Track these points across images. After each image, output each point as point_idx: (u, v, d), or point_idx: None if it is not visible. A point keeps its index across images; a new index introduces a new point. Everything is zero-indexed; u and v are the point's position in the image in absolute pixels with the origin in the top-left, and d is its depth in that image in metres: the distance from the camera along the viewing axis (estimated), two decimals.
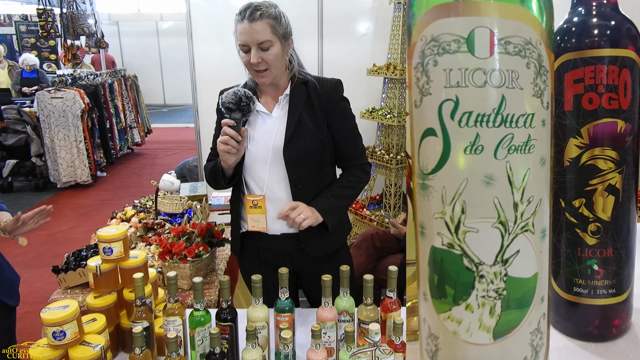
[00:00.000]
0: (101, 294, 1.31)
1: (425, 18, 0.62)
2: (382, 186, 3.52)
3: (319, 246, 1.56)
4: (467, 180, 0.62)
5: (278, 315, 1.24)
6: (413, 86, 0.67)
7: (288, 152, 1.46)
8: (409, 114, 0.70)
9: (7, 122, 5.35)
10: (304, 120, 1.48)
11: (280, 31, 1.42)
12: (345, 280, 1.25)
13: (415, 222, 0.71)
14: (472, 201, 0.63)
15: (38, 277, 3.51)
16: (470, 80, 0.60)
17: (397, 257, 2.40)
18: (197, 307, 1.22)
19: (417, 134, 0.67)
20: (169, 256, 1.79)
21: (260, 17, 1.37)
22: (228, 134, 1.38)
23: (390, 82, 3.24)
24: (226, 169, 1.48)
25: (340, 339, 1.26)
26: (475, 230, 0.63)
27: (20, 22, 9.18)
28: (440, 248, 0.66)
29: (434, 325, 0.71)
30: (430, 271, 0.69)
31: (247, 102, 1.40)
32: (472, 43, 0.60)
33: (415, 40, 0.65)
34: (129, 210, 2.38)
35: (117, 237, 1.30)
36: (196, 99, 3.63)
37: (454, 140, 0.62)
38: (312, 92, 1.50)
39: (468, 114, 0.61)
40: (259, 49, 1.39)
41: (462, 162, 0.62)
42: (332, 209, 1.50)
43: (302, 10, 3.45)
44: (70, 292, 1.79)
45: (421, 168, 0.67)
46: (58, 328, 1.06)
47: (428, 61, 0.63)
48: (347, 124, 1.55)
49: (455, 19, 0.60)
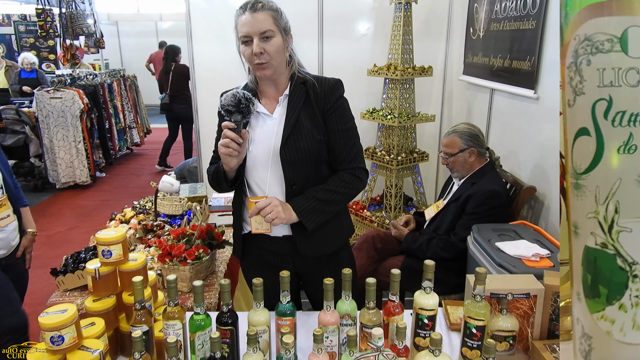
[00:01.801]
0: (100, 297, 1.30)
1: (579, 17, 0.64)
2: (382, 187, 3.51)
3: (312, 247, 1.54)
4: (621, 180, 0.63)
5: (279, 319, 1.23)
6: (566, 85, 0.68)
7: (285, 153, 1.45)
8: (562, 113, 0.71)
9: (6, 123, 5.32)
10: (302, 120, 1.46)
11: (281, 24, 1.42)
12: (347, 283, 1.24)
13: (569, 221, 0.72)
14: (625, 201, 0.63)
15: (36, 278, 3.48)
16: (624, 80, 0.61)
17: (398, 258, 2.38)
18: (198, 311, 1.20)
19: (570, 133, 0.68)
20: (169, 258, 1.78)
21: (262, 8, 1.38)
22: (229, 136, 1.37)
23: (390, 83, 3.23)
24: (228, 171, 1.47)
25: (342, 343, 1.25)
26: (629, 230, 0.64)
27: (19, 22, 9.16)
28: (594, 248, 0.67)
29: (588, 325, 0.71)
30: (584, 271, 0.70)
31: (246, 104, 1.38)
32: (626, 42, 0.60)
33: (569, 40, 0.66)
34: (128, 211, 2.36)
35: (116, 239, 1.29)
36: (196, 99, 3.62)
37: (607, 140, 0.63)
38: (310, 91, 1.48)
39: (621, 114, 0.62)
40: (261, 39, 1.38)
41: (615, 161, 0.63)
42: (310, 211, 1.45)
43: (302, 10, 3.44)
44: (69, 294, 1.77)
45: (575, 168, 0.68)
46: (56, 333, 1.05)
47: (581, 60, 0.64)
48: (344, 123, 1.51)
49: (609, 18, 0.61)
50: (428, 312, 1.22)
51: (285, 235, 1.54)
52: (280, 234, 1.54)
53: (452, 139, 2.33)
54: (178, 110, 5.92)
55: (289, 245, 1.54)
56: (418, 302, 1.23)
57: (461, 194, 2.27)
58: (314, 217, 1.46)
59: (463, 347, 1.21)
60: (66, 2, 6.12)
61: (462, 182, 2.35)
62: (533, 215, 2.39)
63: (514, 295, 1.28)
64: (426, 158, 3.39)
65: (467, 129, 2.34)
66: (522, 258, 1.76)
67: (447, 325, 1.50)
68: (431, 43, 3.60)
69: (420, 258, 2.24)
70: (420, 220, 2.62)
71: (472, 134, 2.31)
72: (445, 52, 3.63)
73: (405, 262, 2.30)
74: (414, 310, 1.25)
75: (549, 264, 1.72)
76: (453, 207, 2.29)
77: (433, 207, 2.48)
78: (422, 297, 1.22)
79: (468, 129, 2.34)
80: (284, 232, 1.53)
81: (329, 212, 1.50)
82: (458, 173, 2.38)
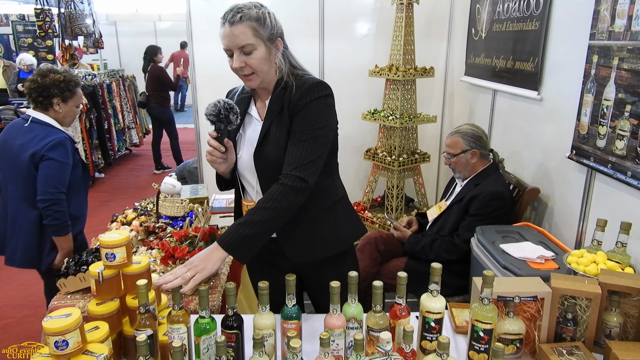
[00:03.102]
0: (103, 300, 1.28)
1: None
2: (383, 188, 3.50)
3: (298, 252, 1.51)
4: None
5: (285, 323, 1.22)
6: None
7: (258, 162, 1.44)
8: None
9: (4, 124, 5.30)
10: (272, 129, 1.43)
11: (264, 34, 1.35)
12: (353, 286, 1.22)
13: None
14: None
15: (36, 280, 3.43)
16: None
17: (401, 260, 2.37)
18: (203, 314, 1.19)
19: None
20: (172, 261, 1.76)
21: (240, 19, 1.32)
22: (211, 145, 1.40)
23: (392, 84, 3.22)
24: (221, 174, 1.50)
25: (349, 346, 1.24)
26: None
27: (17, 21, 9.11)
28: None
29: None
30: None
31: (225, 114, 1.37)
32: None
33: None
34: (129, 213, 2.35)
35: (120, 242, 1.27)
36: (196, 99, 3.60)
37: None
38: (287, 97, 1.40)
39: None
40: (241, 53, 1.35)
41: None
42: (238, 241, 1.31)
43: (303, 11, 3.43)
44: (71, 297, 1.76)
45: None
46: (60, 337, 1.03)
47: None
48: (304, 126, 1.37)
49: None
50: (435, 316, 1.21)
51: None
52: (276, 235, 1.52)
53: (455, 140, 2.32)
54: (152, 110, 6.11)
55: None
56: (425, 306, 1.22)
57: (464, 195, 2.27)
58: (243, 247, 1.31)
59: (470, 350, 1.20)
60: (65, 2, 6.11)
61: (465, 183, 2.34)
62: (536, 217, 2.38)
63: (521, 298, 1.27)
64: (427, 159, 3.38)
65: (470, 130, 2.33)
66: (526, 260, 1.75)
67: (452, 328, 1.49)
68: (432, 44, 3.60)
69: (423, 260, 2.24)
70: (422, 221, 2.61)
71: (475, 135, 2.31)
72: (447, 53, 3.62)
73: (408, 264, 2.29)
74: (421, 314, 1.24)
75: (554, 266, 1.72)
76: (456, 209, 2.28)
77: (435, 208, 2.47)
78: (429, 300, 1.21)
79: (471, 130, 2.33)
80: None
81: (261, 236, 1.33)
82: (460, 174, 2.37)
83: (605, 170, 1.77)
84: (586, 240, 1.97)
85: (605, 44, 1.76)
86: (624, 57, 1.66)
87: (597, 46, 1.82)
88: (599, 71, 1.80)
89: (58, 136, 2.04)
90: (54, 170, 2.00)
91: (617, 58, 1.70)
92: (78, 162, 2.13)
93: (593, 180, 1.92)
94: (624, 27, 1.66)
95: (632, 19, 1.61)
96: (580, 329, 1.30)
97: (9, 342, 2.51)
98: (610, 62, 1.73)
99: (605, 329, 1.31)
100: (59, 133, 2.07)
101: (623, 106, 1.66)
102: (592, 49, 1.84)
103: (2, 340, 2.74)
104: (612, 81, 1.72)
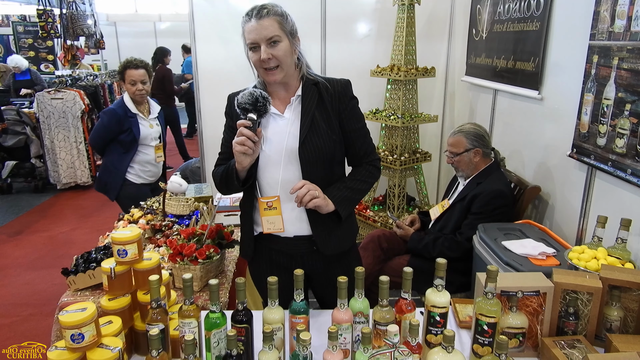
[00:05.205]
0: (115, 296, 1.31)
1: None
2: (385, 187, 3.53)
3: (332, 245, 1.57)
4: None
5: (293, 317, 1.25)
6: None
7: (303, 152, 1.47)
8: None
9: (7, 123, 5.32)
10: (317, 121, 1.50)
11: (287, 28, 1.44)
12: (360, 282, 1.25)
13: None
14: None
15: (40, 279, 3.50)
16: None
17: (404, 258, 2.40)
18: (213, 309, 1.22)
19: None
20: (180, 258, 1.79)
21: (267, 14, 1.40)
22: (245, 134, 1.37)
23: (393, 84, 3.25)
24: (240, 170, 1.46)
25: (356, 340, 1.27)
26: None
27: (17, 22, 9.13)
28: None
29: None
30: None
31: (263, 103, 1.40)
32: None
33: None
34: (135, 211, 2.37)
35: (132, 239, 1.30)
36: (199, 99, 3.62)
37: None
38: (323, 92, 1.52)
39: None
40: (268, 45, 1.41)
41: None
42: (345, 200, 1.52)
43: (305, 11, 3.46)
44: (80, 294, 1.78)
45: None
46: (77, 331, 1.06)
47: None
48: (359, 122, 1.59)
49: None
50: (440, 310, 1.24)
51: (297, 235, 1.55)
52: (292, 234, 1.55)
53: (458, 139, 2.35)
54: None
55: (300, 245, 1.56)
56: (430, 300, 1.24)
57: (467, 193, 2.29)
58: (346, 206, 1.54)
59: (474, 343, 1.23)
60: (67, 3, 6.12)
61: (467, 182, 2.37)
62: (537, 215, 2.41)
63: (524, 292, 1.30)
64: (429, 158, 3.41)
65: (473, 129, 2.36)
66: (528, 256, 1.78)
67: (456, 323, 1.52)
68: (434, 44, 3.62)
69: (426, 257, 2.27)
70: (425, 219, 2.64)
71: (478, 134, 2.34)
72: (448, 53, 3.65)
73: (411, 262, 2.32)
74: (426, 308, 1.27)
75: (556, 262, 1.75)
76: (459, 207, 2.31)
77: (438, 207, 2.50)
78: (434, 294, 1.24)
79: (474, 129, 2.36)
80: (296, 232, 1.54)
81: (357, 202, 1.61)
82: (463, 172, 2.40)
83: (606, 168, 1.80)
84: (587, 237, 2.00)
85: (605, 44, 1.79)
86: (623, 57, 1.69)
87: (597, 46, 1.85)
88: (599, 71, 1.83)
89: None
90: None
91: (617, 58, 1.72)
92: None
93: (593, 178, 1.95)
94: (624, 27, 1.69)
95: (632, 19, 1.64)
96: (581, 322, 1.33)
97: (14, 341, 2.54)
98: (610, 62, 1.76)
99: (606, 322, 1.34)
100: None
101: (623, 105, 1.69)
102: (593, 49, 1.87)
103: (8, 338, 2.76)
104: (612, 81, 1.75)
